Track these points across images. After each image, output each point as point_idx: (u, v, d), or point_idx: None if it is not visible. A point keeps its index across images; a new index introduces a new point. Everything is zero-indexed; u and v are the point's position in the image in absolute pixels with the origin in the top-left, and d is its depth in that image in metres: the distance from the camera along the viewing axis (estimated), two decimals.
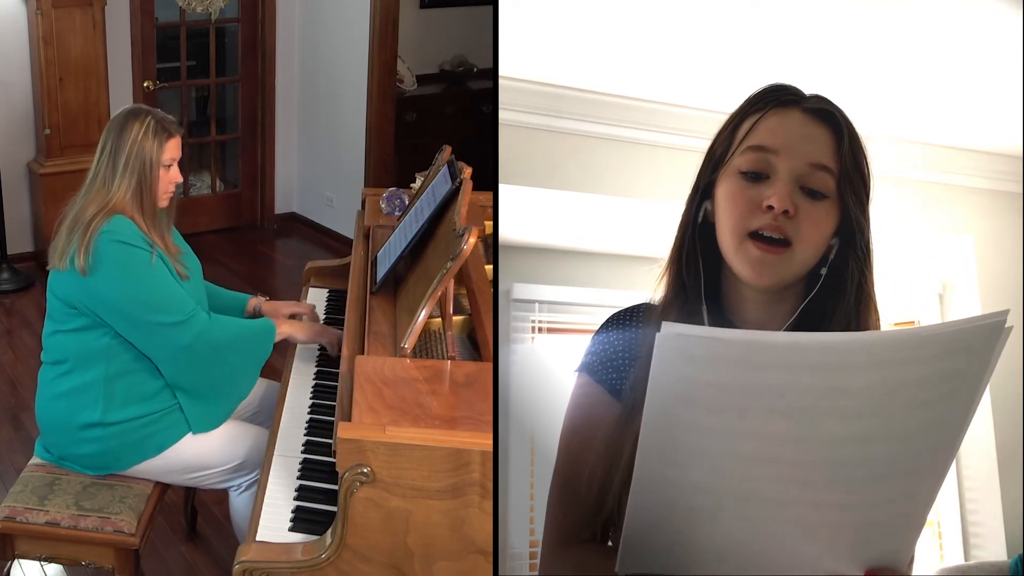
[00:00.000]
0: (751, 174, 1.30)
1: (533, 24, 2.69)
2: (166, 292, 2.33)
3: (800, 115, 1.32)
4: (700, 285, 1.33)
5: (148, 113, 2.40)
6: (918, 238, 3.62)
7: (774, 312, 1.33)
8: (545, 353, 3.51)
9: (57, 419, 2.43)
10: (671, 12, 2.66)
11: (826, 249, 1.31)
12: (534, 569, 3.35)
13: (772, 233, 1.27)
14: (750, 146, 1.31)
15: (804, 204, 1.28)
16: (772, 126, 1.31)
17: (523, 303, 3.53)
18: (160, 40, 5.52)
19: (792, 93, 1.34)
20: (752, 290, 1.32)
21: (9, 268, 4.98)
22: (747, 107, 1.35)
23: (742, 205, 1.29)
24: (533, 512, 3.45)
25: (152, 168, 2.36)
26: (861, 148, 1.33)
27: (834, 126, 1.31)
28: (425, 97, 5.96)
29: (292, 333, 2.57)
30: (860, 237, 1.31)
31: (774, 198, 1.27)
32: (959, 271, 3.71)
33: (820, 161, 1.29)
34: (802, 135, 1.30)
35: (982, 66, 2.87)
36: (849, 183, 1.29)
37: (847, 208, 1.30)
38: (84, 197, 2.37)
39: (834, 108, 1.33)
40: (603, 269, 3.65)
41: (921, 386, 1.00)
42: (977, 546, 3.51)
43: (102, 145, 2.40)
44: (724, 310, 1.35)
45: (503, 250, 3.42)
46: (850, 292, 1.30)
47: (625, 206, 3.24)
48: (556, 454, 1.39)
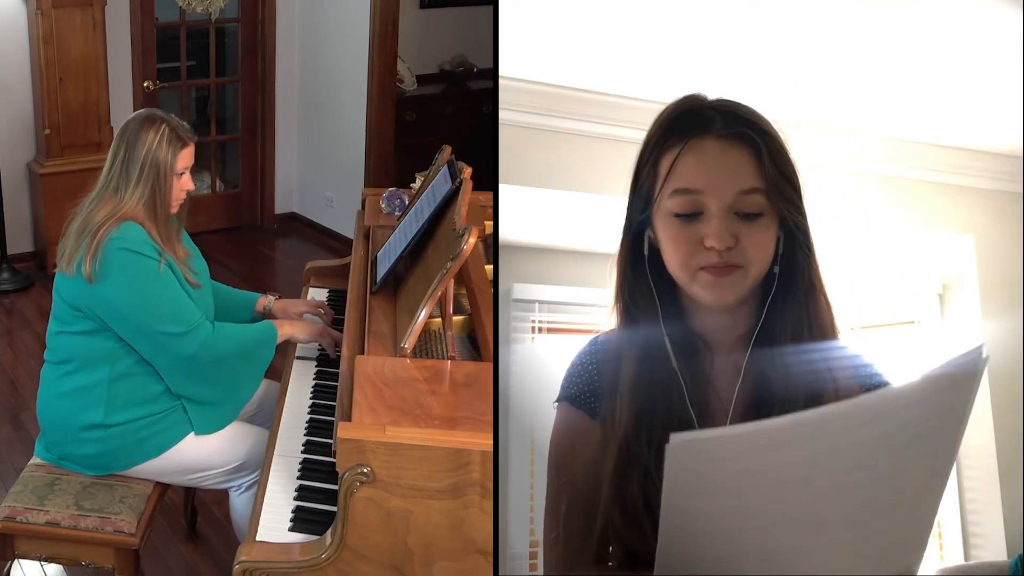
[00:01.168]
0: (684, 216, 1.31)
1: (533, 24, 2.69)
2: (172, 302, 2.32)
3: (715, 144, 1.31)
4: (656, 310, 1.35)
5: (163, 121, 2.37)
6: (918, 238, 3.62)
7: (736, 315, 1.36)
8: (545, 353, 3.51)
9: (59, 419, 2.43)
10: (671, 12, 2.66)
11: (775, 253, 1.34)
12: (534, 569, 3.35)
13: (720, 265, 1.29)
14: (675, 189, 1.31)
15: (743, 229, 1.30)
16: (692, 164, 1.31)
17: (523, 303, 3.53)
18: (160, 40, 5.52)
19: (702, 119, 1.32)
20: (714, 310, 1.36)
21: (9, 268, 4.98)
22: (662, 136, 1.35)
23: (683, 247, 1.31)
24: (533, 512, 3.45)
25: (166, 176, 2.34)
26: (782, 153, 1.33)
27: (751, 145, 1.30)
28: (425, 97, 5.96)
29: (293, 333, 2.57)
30: (802, 237, 1.34)
31: (712, 238, 1.28)
32: (959, 271, 3.71)
33: (747, 186, 1.30)
34: (723, 167, 1.30)
35: (982, 66, 2.87)
36: (779, 194, 1.30)
37: (783, 217, 1.32)
38: (95, 202, 2.35)
39: (744, 124, 1.32)
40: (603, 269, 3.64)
41: (916, 425, 1.04)
42: (977, 546, 3.51)
43: (115, 150, 2.37)
44: (685, 319, 1.38)
45: (503, 250, 3.42)
46: (799, 287, 1.34)
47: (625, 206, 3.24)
48: (547, 483, 1.43)
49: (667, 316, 1.35)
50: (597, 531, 1.35)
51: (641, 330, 1.36)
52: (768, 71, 2.89)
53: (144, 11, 5.34)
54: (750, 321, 1.36)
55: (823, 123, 3.29)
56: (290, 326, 2.57)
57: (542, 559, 1.44)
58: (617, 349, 1.39)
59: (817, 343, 1.33)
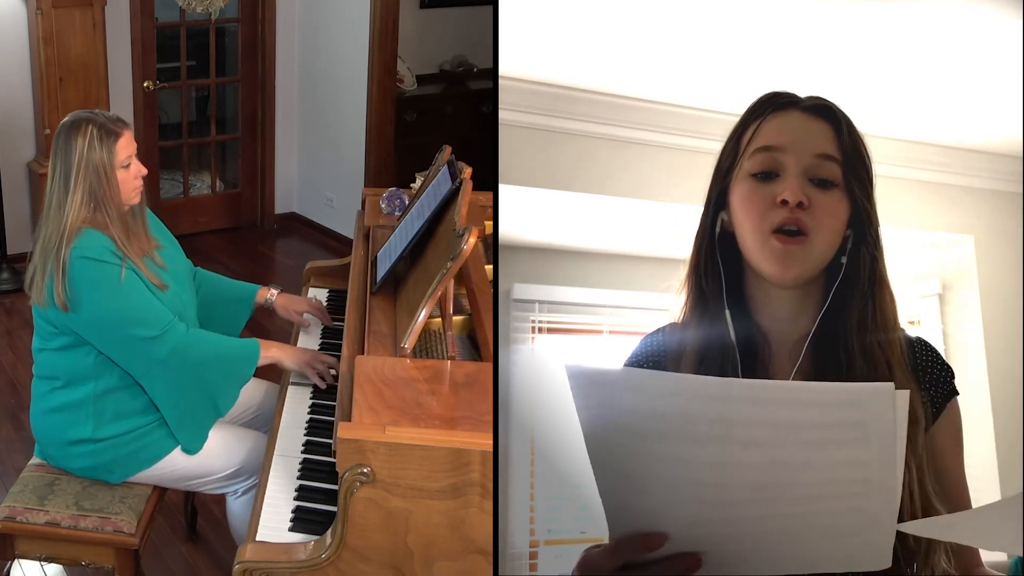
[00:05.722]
0: (762, 175, 1.35)
1: (533, 24, 2.68)
2: (140, 306, 2.28)
3: (799, 114, 1.38)
4: (722, 292, 1.38)
5: (88, 121, 2.29)
6: (918, 238, 3.62)
7: (802, 306, 1.37)
8: (545, 353, 3.51)
9: (49, 433, 2.43)
10: (671, 12, 2.66)
11: (842, 240, 1.36)
12: (534, 569, 3.36)
13: (791, 226, 1.32)
14: (757, 148, 1.37)
15: (816, 195, 1.33)
16: (775, 127, 1.37)
17: (523, 303, 3.53)
18: (160, 40, 5.51)
19: (789, 97, 1.40)
20: (778, 288, 1.37)
21: (9, 268, 4.99)
22: (747, 116, 1.41)
23: (759, 205, 1.35)
24: (533, 512, 3.45)
25: (108, 174, 2.29)
26: (860, 138, 1.39)
27: (832, 120, 1.38)
28: (425, 97, 5.96)
29: (280, 359, 2.47)
30: (869, 225, 1.37)
31: (787, 192, 1.32)
32: (959, 271, 3.71)
33: (825, 151, 1.35)
34: (805, 130, 1.36)
35: (982, 66, 2.88)
36: (852, 170, 1.35)
37: (854, 196, 1.35)
38: (45, 223, 2.30)
39: (830, 103, 1.40)
40: (603, 269, 3.65)
41: (822, 429, 1.06)
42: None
43: (51, 166, 2.32)
44: (750, 313, 1.39)
45: (503, 250, 3.42)
46: (863, 279, 1.36)
47: (625, 206, 3.24)
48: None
49: (731, 302, 1.37)
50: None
51: (707, 314, 1.38)
52: (768, 72, 2.89)
53: (144, 11, 5.33)
54: (813, 317, 1.37)
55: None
56: (278, 349, 2.47)
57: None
58: (680, 339, 1.41)
59: (879, 335, 1.34)
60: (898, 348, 1.36)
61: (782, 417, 1.06)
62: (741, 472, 1.08)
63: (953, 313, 3.73)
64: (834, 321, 1.35)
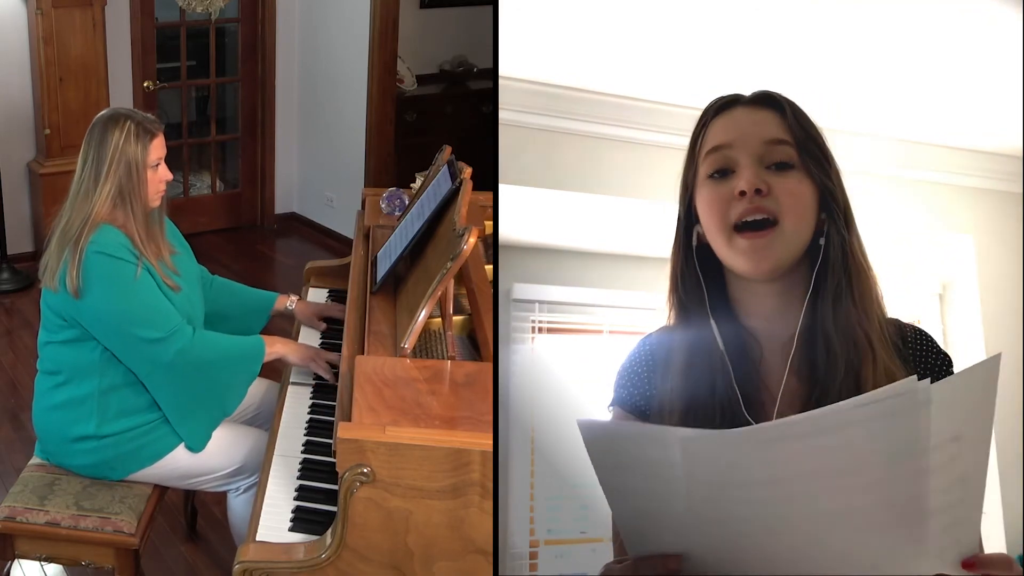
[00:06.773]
0: (717, 173, 1.35)
1: (533, 24, 2.69)
2: (150, 307, 2.28)
3: (742, 108, 1.39)
4: (704, 302, 1.36)
5: (127, 117, 2.34)
6: (918, 238, 3.62)
7: (789, 299, 1.35)
8: (545, 353, 3.51)
9: (52, 430, 2.43)
10: (671, 12, 2.66)
11: (818, 222, 1.34)
12: (534, 569, 3.36)
13: (754, 216, 1.30)
14: (708, 151, 1.37)
15: (774, 179, 1.32)
16: (721, 126, 1.38)
17: (523, 303, 3.53)
18: (160, 40, 5.52)
19: (732, 96, 1.41)
20: (760, 284, 1.35)
21: (9, 268, 4.98)
22: (698, 125, 1.42)
23: (718, 203, 1.34)
24: (533, 512, 3.45)
25: (139, 172, 2.32)
26: (808, 119, 1.38)
27: (775, 106, 1.38)
28: (425, 97, 5.96)
29: (285, 354, 2.48)
30: (836, 204, 1.34)
31: (742, 182, 1.31)
32: (959, 271, 3.71)
33: (774, 136, 1.34)
34: (749, 121, 1.37)
35: (982, 66, 2.88)
36: (807, 150, 1.34)
37: (814, 176, 1.34)
38: (69, 211, 2.32)
39: (772, 92, 1.40)
40: (603, 269, 3.65)
41: (844, 451, 1.07)
42: None
43: (83, 155, 2.34)
44: (736, 316, 1.38)
45: (503, 250, 3.42)
46: (835, 261, 1.33)
47: (625, 206, 3.24)
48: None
49: (716, 309, 1.36)
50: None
51: (692, 323, 1.37)
52: (768, 72, 2.89)
53: (144, 11, 5.34)
54: (801, 309, 1.35)
55: (823, 124, 3.28)
56: (283, 345, 2.49)
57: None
58: (668, 343, 1.41)
59: (857, 314, 1.32)
60: (877, 325, 1.33)
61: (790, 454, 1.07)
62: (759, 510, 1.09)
63: (953, 313, 3.73)
64: (814, 307, 1.33)
